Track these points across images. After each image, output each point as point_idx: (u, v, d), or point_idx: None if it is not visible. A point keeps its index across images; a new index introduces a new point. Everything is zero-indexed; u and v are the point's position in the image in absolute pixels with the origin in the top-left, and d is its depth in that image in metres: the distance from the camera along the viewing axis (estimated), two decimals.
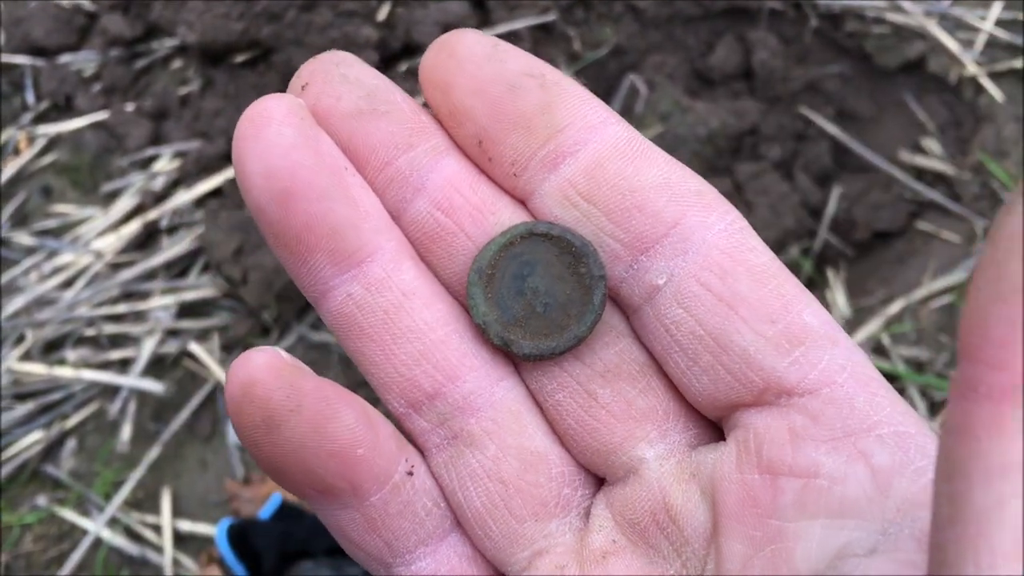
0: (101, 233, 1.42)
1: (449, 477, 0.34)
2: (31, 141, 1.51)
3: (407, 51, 1.45)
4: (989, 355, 0.19)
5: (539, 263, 0.34)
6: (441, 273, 0.34)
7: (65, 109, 1.52)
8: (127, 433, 1.32)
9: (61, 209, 1.46)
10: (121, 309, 1.37)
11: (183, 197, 1.41)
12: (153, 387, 1.33)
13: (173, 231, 1.41)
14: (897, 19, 1.47)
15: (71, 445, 1.32)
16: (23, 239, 1.43)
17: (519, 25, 1.44)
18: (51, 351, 1.36)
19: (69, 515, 1.28)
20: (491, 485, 0.34)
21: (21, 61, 1.53)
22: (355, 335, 0.33)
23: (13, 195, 1.48)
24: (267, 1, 1.37)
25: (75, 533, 1.27)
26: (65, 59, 1.52)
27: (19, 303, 1.37)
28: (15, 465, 1.30)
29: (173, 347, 1.35)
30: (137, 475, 1.29)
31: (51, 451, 1.32)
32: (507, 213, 0.34)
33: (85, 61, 1.52)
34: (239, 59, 1.43)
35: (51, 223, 1.45)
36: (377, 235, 0.33)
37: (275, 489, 1.23)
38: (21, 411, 1.32)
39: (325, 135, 0.32)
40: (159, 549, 1.25)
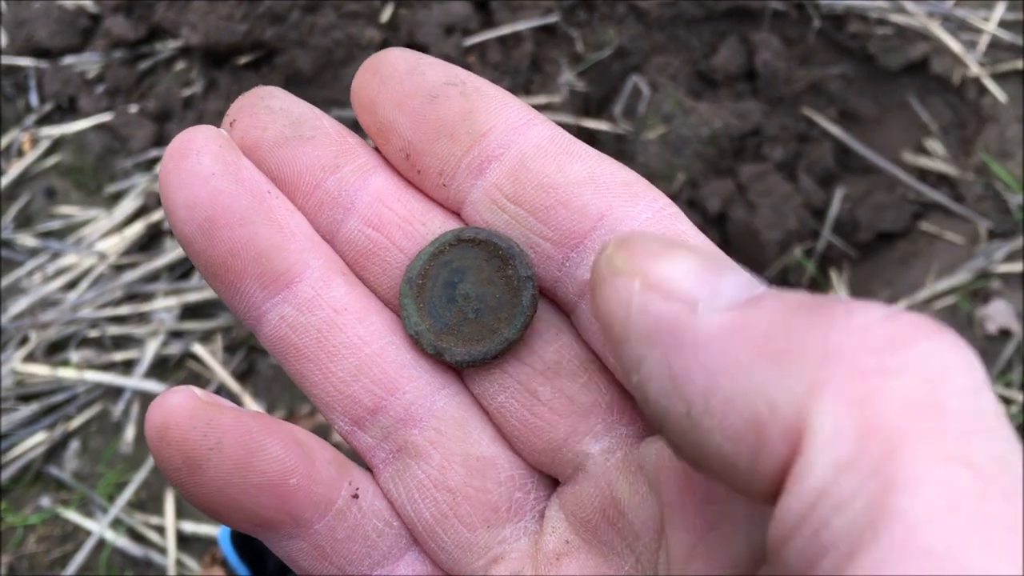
0: (105, 235, 1.42)
1: (397, 491, 0.34)
2: (35, 143, 1.51)
3: None
4: None
5: (469, 269, 0.34)
6: (378, 288, 0.34)
7: (69, 111, 1.52)
8: (131, 434, 1.32)
9: (65, 211, 1.46)
10: (125, 311, 1.37)
11: None
12: (156, 388, 1.33)
13: None
14: (900, 20, 1.47)
15: (75, 446, 1.33)
16: (27, 240, 1.43)
17: (522, 26, 1.44)
18: (55, 352, 1.37)
19: (73, 516, 1.28)
20: (438, 495, 0.33)
21: (25, 63, 1.53)
22: (292, 357, 0.33)
23: (17, 197, 1.48)
24: (270, 3, 1.38)
25: (79, 534, 1.28)
26: (69, 61, 1.52)
27: (23, 304, 1.37)
28: (19, 466, 1.30)
29: (176, 348, 1.35)
30: (141, 476, 1.29)
31: (55, 452, 1.33)
32: (438, 223, 0.34)
33: (89, 63, 1.52)
34: (242, 61, 1.44)
35: (55, 225, 1.45)
36: (303, 254, 0.33)
37: None
38: (25, 412, 1.32)
39: (246, 161, 0.33)
40: (163, 550, 1.25)
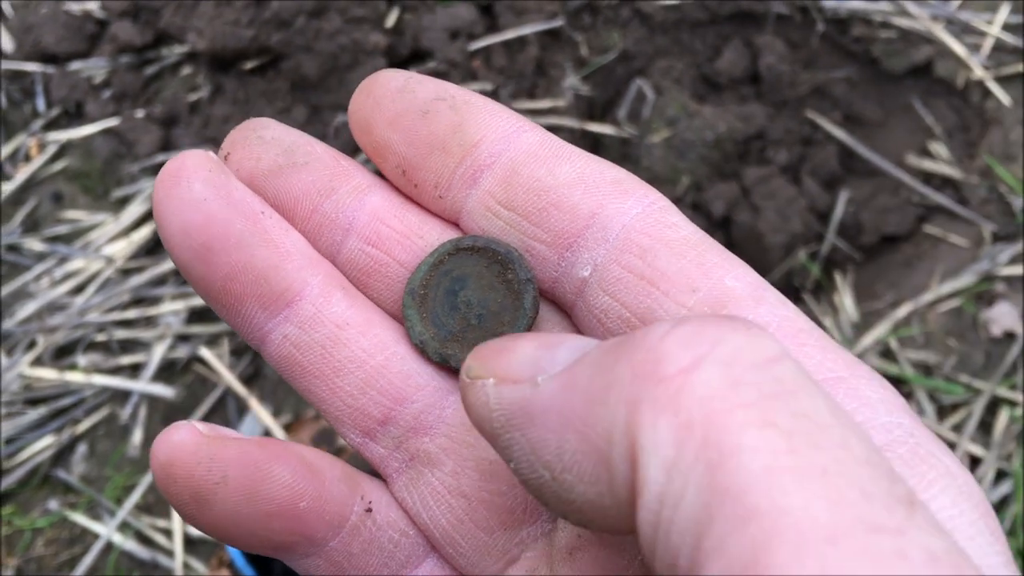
0: (112, 239, 1.43)
1: (412, 500, 0.34)
2: (42, 148, 1.52)
3: (416, 57, 1.46)
4: None
5: (470, 276, 0.34)
6: (382, 302, 0.35)
7: (75, 116, 1.53)
8: (138, 438, 1.33)
9: (72, 215, 1.47)
10: (132, 314, 1.38)
11: None
12: (163, 392, 1.33)
13: None
14: (904, 23, 1.47)
15: (82, 450, 1.33)
16: (34, 245, 1.44)
17: (526, 31, 1.45)
18: (62, 356, 1.37)
19: (80, 519, 1.28)
20: (454, 501, 0.34)
21: (32, 68, 1.54)
22: (299, 375, 0.34)
23: (24, 201, 1.49)
24: (276, 8, 1.38)
25: (86, 537, 1.28)
26: (75, 66, 1.53)
27: (30, 309, 1.38)
28: (27, 469, 1.31)
29: (183, 352, 1.36)
30: (148, 479, 1.30)
31: (62, 456, 1.33)
32: (435, 234, 0.35)
33: (95, 68, 1.52)
34: (248, 66, 1.44)
35: (62, 229, 1.46)
36: (301, 272, 0.33)
37: None
38: (33, 416, 1.32)
39: (237, 183, 0.33)
40: (170, 553, 1.26)
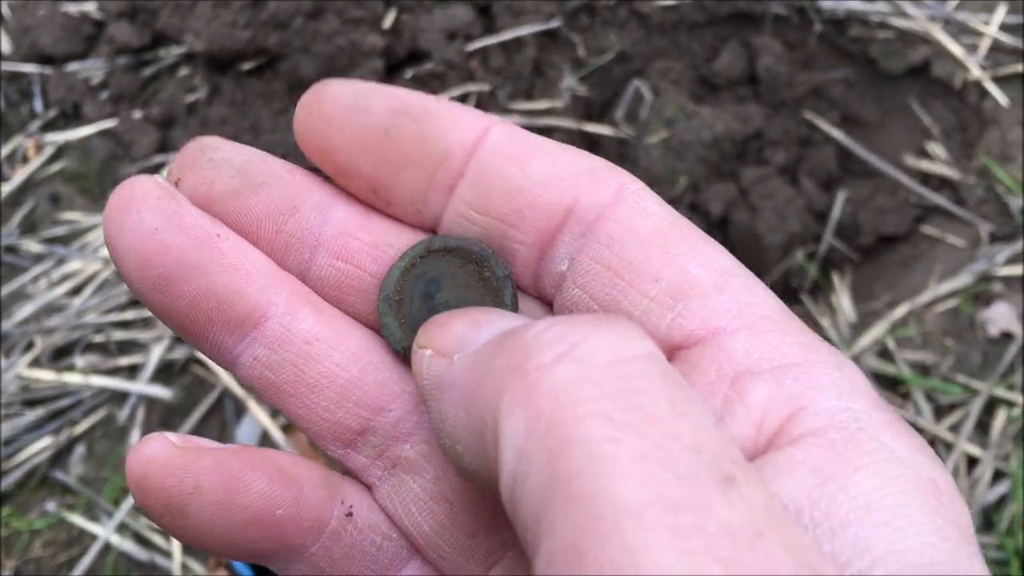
0: None
1: (395, 506, 0.34)
2: (39, 149, 1.52)
3: (413, 58, 1.46)
4: None
5: (444, 277, 0.34)
6: (359, 316, 0.35)
7: (73, 117, 1.53)
8: (136, 439, 1.33)
9: (69, 216, 1.47)
10: (129, 315, 1.38)
11: None
12: (161, 393, 1.33)
13: None
14: (901, 24, 1.47)
15: (80, 451, 1.33)
16: (32, 246, 1.44)
17: (524, 31, 1.45)
18: (60, 358, 1.37)
19: (78, 520, 1.28)
20: (436, 506, 0.33)
21: (29, 69, 1.54)
22: (273, 393, 0.33)
23: (22, 203, 1.49)
24: (274, 9, 1.38)
25: (84, 538, 1.28)
26: (73, 67, 1.53)
27: (28, 310, 1.38)
28: (24, 471, 1.31)
29: (181, 353, 1.36)
30: None
31: (60, 457, 1.33)
32: (405, 243, 0.34)
33: (93, 69, 1.52)
34: (246, 67, 1.44)
35: (59, 230, 1.46)
36: (264, 292, 0.33)
37: None
38: (30, 417, 1.32)
39: (190, 208, 0.32)
40: (168, 554, 1.26)
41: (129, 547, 1.26)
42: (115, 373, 1.36)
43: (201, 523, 0.31)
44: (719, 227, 1.43)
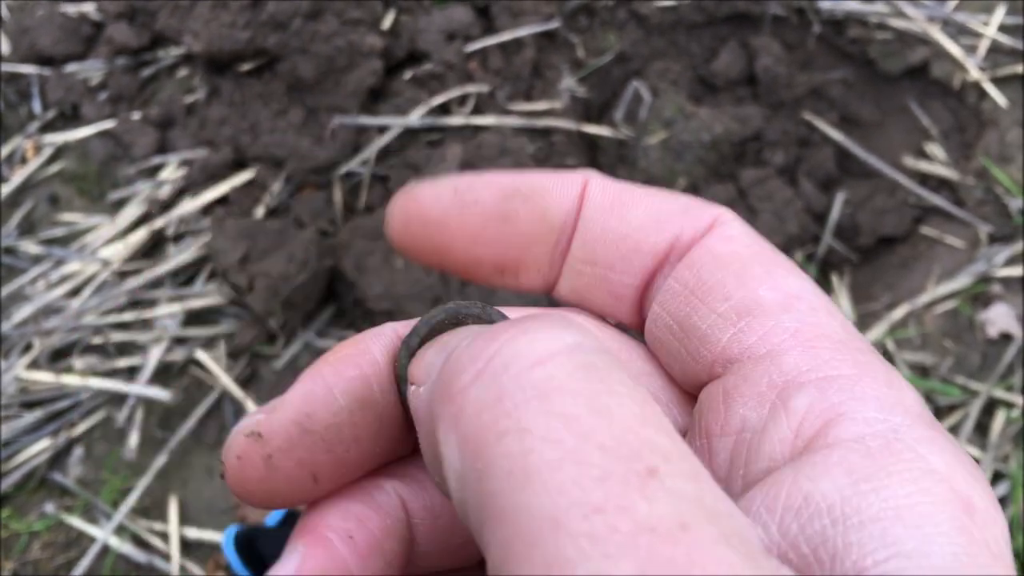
0: (108, 241, 1.43)
1: None
2: (38, 150, 1.51)
3: (412, 59, 1.46)
4: None
5: None
6: None
7: (72, 118, 1.53)
8: (134, 441, 1.33)
9: (68, 217, 1.47)
10: (128, 317, 1.37)
11: (189, 205, 1.42)
12: (160, 395, 1.33)
13: (179, 239, 1.42)
14: (900, 25, 1.47)
15: (78, 453, 1.33)
16: (30, 248, 1.44)
17: (523, 32, 1.45)
18: (58, 359, 1.37)
19: (77, 522, 1.28)
20: None
21: (28, 70, 1.54)
22: None
23: (20, 204, 1.49)
24: (273, 10, 1.38)
25: (83, 540, 1.28)
26: (71, 68, 1.53)
27: (26, 311, 1.38)
28: (23, 473, 1.31)
29: (180, 355, 1.36)
30: (144, 482, 1.29)
31: (58, 459, 1.33)
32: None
33: (91, 70, 1.52)
34: (245, 68, 1.44)
35: (58, 231, 1.45)
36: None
37: None
38: (29, 419, 1.32)
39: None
40: (166, 556, 1.26)
41: (127, 549, 1.26)
42: (113, 375, 1.36)
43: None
44: None
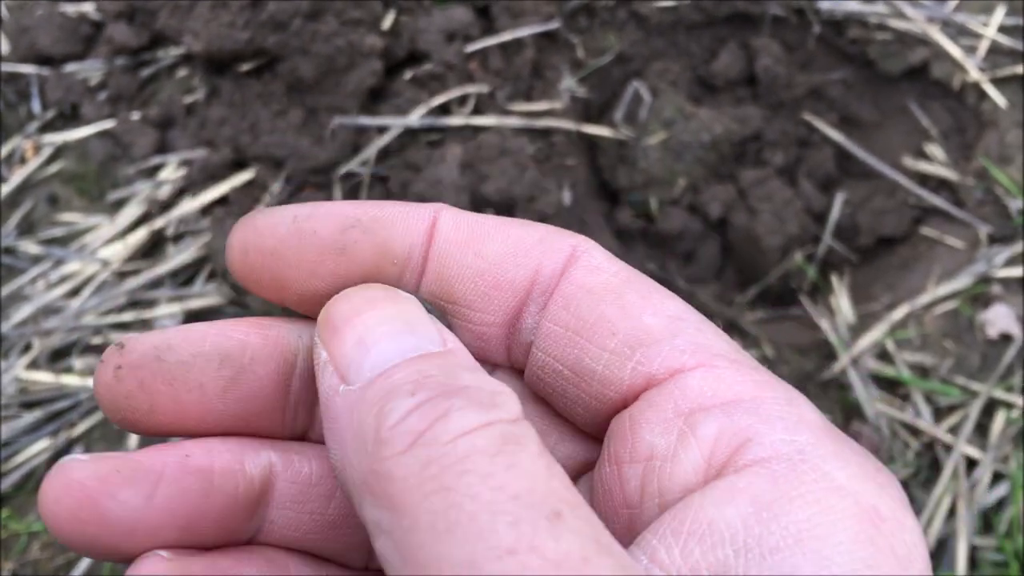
0: (107, 241, 1.42)
1: None
2: (37, 150, 1.51)
3: (412, 59, 1.45)
4: None
5: None
6: None
7: (71, 118, 1.52)
8: (133, 441, 1.32)
9: (67, 217, 1.47)
10: (128, 317, 1.37)
11: (189, 205, 1.42)
12: None
13: (179, 239, 1.42)
14: (900, 25, 1.47)
15: (78, 453, 1.33)
16: (30, 248, 1.44)
17: (523, 33, 1.45)
18: (58, 359, 1.37)
19: None
20: None
21: (27, 70, 1.54)
22: (299, 544, 0.35)
23: (20, 204, 1.48)
24: (272, 10, 1.38)
25: None
26: (71, 68, 1.52)
27: (26, 312, 1.38)
28: (22, 473, 1.30)
29: None
30: None
31: (58, 459, 1.33)
32: None
33: (91, 70, 1.52)
34: (244, 68, 1.44)
35: (57, 231, 1.45)
36: (258, 461, 0.33)
37: None
38: (28, 419, 1.32)
39: (140, 456, 0.31)
40: None
41: None
42: None
43: None
44: (718, 229, 1.43)
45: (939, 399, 1.29)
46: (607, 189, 1.48)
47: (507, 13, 1.46)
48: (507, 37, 1.44)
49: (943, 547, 1.19)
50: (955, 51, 1.45)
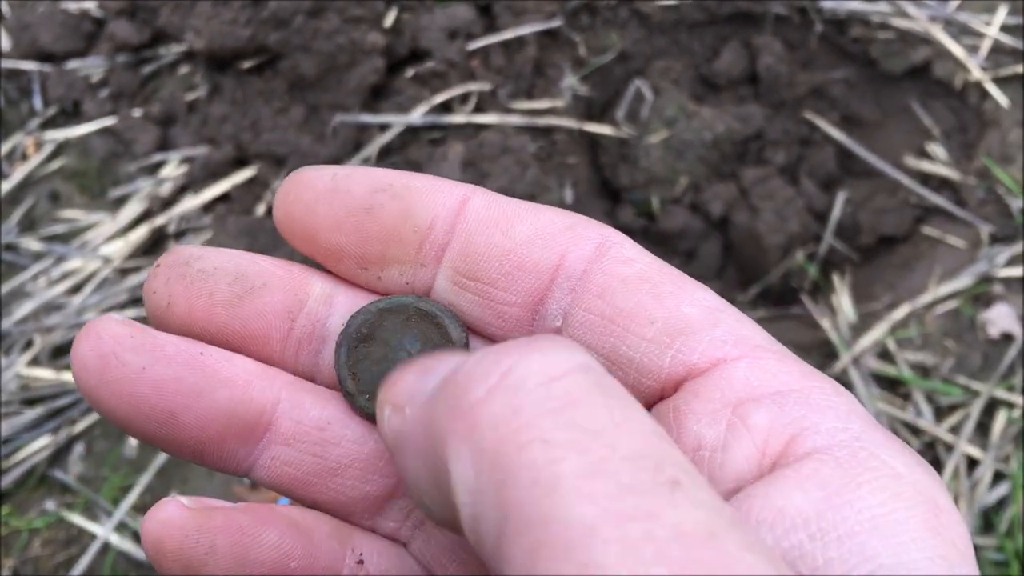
0: (109, 238, 1.42)
1: (427, 558, 0.35)
2: (39, 147, 1.51)
3: (414, 57, 1.45)
4: None
5: (391, 334, 0.35)
6: None
7: (73, 115, 1.52)
8: (134, 440, 1.32)
9: (69, 214, 1.47)
10: (129, 314, 1.37)
11: (190, 202, 1.42)
12: None
13: (181, 236, 1.42)
14: (902, 24, 1.47)
15: (79, 450, 1.33)
16: (31, 244, 1.44)
17: (525, 31, 1.45)
18: (59, 356, 1.37)
19: (77, 520, 1.28)
20: (465, 554, 0.34)
21: (29, 67, 1.54)
22: (296, 487, 0.34)
23: (21, 200, 1.48)
24: (274, 7, 1.38)
25: (83, 538, 1.28)
26: (73, 65, 1.52)
27: (27, 308, 1.38)
28: (23, 470, 1.31)
29: None
30: (145, 480, 1.29)
31: (59, 456, 1.33)
32: None
33: (92, 67, 1.52)
34: (246, 65, 1.44)
35: (59, 228, 1.45)
36: (266, 394, 0.33)
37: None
38: (29, 416, 1.32)
39: (161, 335, 0.32)
40: None
41: (128, 547, 1.26)
42: None
43: None
44: (719, 228, 1.43)
45: (940, 398, 1.29)
46: (608, 187, 1.48)
47: (509, 11, 1.46)
48: (509, 35, 1.44)
49: None
50: (957, 50, 1.45)
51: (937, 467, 1.26)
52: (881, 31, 1.48)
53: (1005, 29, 1.48)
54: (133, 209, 1.43)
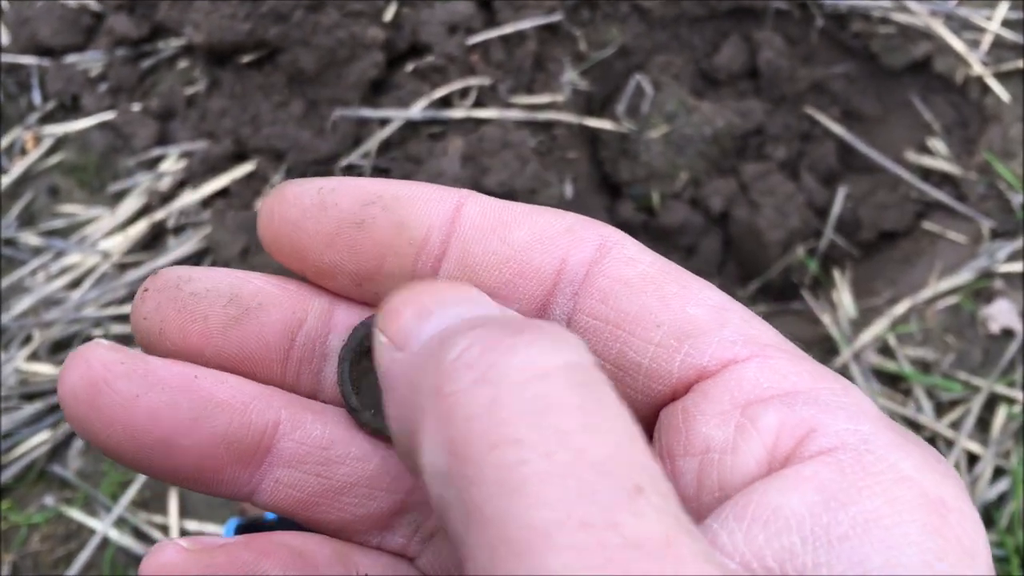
0: (108, 233, 1.42)
1: (436, 571, 0.34)
2: (38, 141, 1.51)
3: (414, 51, 1.45)
4: None
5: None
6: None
7: (72, 109, 1.52)
8: None
9: (68, 209, 1.46)
10: (128, 309, 1.37)
11: (189, 197, 1.41)
12: None
13: (180, 231, 1.42)
14: (903, 19, 1.47)
15: (78, 445, 1.33)
16: (30, 239, 1.44)
17: (525, 25, 1.44)
18: (58, 351, 1.37)
19: (76, 515, 1.28)
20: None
21: (27, 61, 1.53)
22: (300, 508, 0.33)
23: (20, 195, 1.48)
24: (274, 1, 1.38)
25: (82, 533, 1.28)
26: (71, 59, 1.52)
27: (26, 303, 1.37)
28: (22, 465, 1.30)
29: None
30: (144, 475, 1.29)
31: (58, 451, 1.33)
32: None
33: (91, 61, 1.52)
34: (245, 59, 1.44)
35: (58, 223, 1.45)
36: (267, 414, 0.32)
37: None
38: (28, 411, 1.32)
39: (153, 359, 0.31)
40: None
41: (127, 542, 1.26)
42: None
43: None
44: (719, 223, 1.43)
45: (940, 394, 1.29)
46: (609, 182, 1.47)
47: (509, 5, 1.46)
48: (509, 29, 1.44)
49: None
50: (958, 45, 1.45)
51: None
52: (882, 26, 1.48)
53: (1006, 24, 1.47)
54: (132, 204, 1.43)
